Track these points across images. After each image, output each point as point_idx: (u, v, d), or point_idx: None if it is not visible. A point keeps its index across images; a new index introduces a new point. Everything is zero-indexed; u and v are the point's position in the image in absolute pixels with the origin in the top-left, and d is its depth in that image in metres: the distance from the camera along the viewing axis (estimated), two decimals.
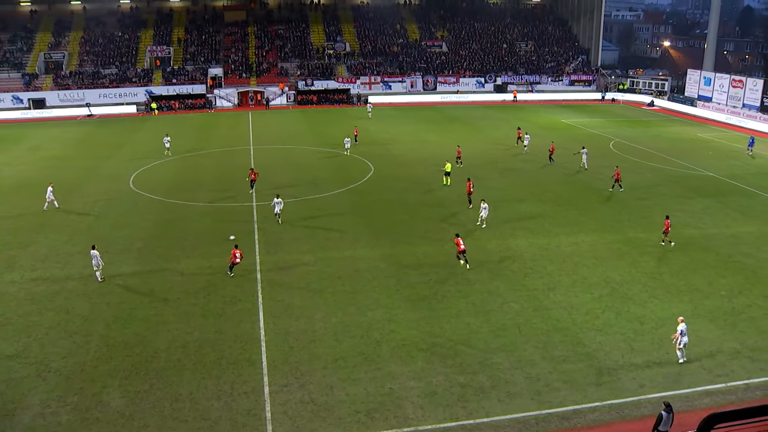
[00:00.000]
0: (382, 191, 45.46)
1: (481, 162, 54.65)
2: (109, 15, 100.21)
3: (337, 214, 40.26)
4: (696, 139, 68.18)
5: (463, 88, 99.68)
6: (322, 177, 49.28)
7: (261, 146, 61.38)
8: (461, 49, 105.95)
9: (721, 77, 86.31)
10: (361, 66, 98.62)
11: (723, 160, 56.89)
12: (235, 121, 77.51)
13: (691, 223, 39.07)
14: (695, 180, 49.63)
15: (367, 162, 54.35)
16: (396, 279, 30.55)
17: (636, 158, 56.88)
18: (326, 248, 34.34)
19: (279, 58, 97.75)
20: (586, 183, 47.98)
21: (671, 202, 43.39)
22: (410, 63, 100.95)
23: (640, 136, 68.57)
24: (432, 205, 42.52)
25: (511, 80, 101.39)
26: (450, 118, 79.95)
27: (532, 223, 38.70)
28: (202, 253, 33.87)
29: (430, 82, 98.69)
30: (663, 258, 33.44)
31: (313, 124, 74.88)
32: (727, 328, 26.12)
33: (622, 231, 37.55)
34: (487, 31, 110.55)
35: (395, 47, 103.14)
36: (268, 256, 33.27)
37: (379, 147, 60.90)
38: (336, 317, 26.76)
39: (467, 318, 26.73)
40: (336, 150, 59.01)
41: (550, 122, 77.44)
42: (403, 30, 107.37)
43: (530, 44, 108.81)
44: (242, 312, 27.28)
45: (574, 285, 30.03)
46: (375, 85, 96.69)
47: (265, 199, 43.28)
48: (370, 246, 34.74)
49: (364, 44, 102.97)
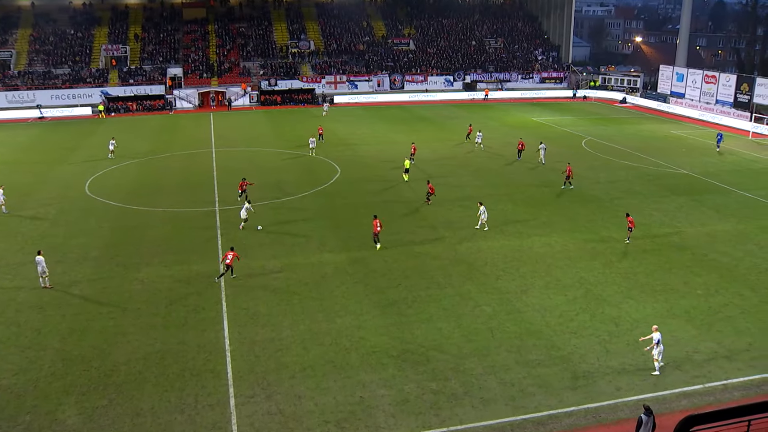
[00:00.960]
0: (348, 194, 45.41)
1: (452, 162, 54.91)
2: (60, 12, 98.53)
3: (303, 218, 40.10)
4: (669, 136, 69.30)
5: (432, 86, 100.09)
6: (288, 180, 49.08)
7: (224, 148, 60.93)
8: (429, 46, 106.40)
9: (694, 73, 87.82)
10: (326, 65, 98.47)
11: (697, 158, 57.90)
12: (196, 123, 76.84)
13: (666, 222, 39.68)
14: (669, 178, 50.44)
15: (334, 164, 54.27)
16: (364, 284, 30.52)
17: (609, 156, 57.62)
18: (292, 253, 34.19)
19: (241, 57, 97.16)
20: (558, 183, 48.42)
21: (645, 200, 44.03)
22: (377, 61, 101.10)
23: (612, 133, 69.50)
24: (400, 207, 42.58)
25: (480, 78, 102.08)
26: (418, 117, 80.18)
27: (504, 224, 38.96)
28: (162, 260, 33.48)
29: (397, 81, 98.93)
30: (637, 258, 33.90)
31: (277, 126, 74.56)
32: (703, 328, 26.53)
33: (596, 231, 37.98)
34: (456, 28, 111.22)
35: (361, 45, 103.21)
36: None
37: (346, 148, 60.85)
38: (303, 325, 26.63)
39: (438, 323, 26.79)
40: (301, 152, 58.81)
41: (521, 121, 78.10)
42: (369, 27, 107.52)
43: (500, 41, 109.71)
44: (206, 321, 27.01)
45: (547, 287, 30.29)
46: (341, 85, 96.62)
47: (233, 203, 42.95)
48: (338, 250, 34.67)
49: (329, 42, 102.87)
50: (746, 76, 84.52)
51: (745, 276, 31.78)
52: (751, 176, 51.42)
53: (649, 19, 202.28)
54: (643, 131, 71.69)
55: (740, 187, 47.80)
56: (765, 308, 28.37)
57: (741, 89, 79.22)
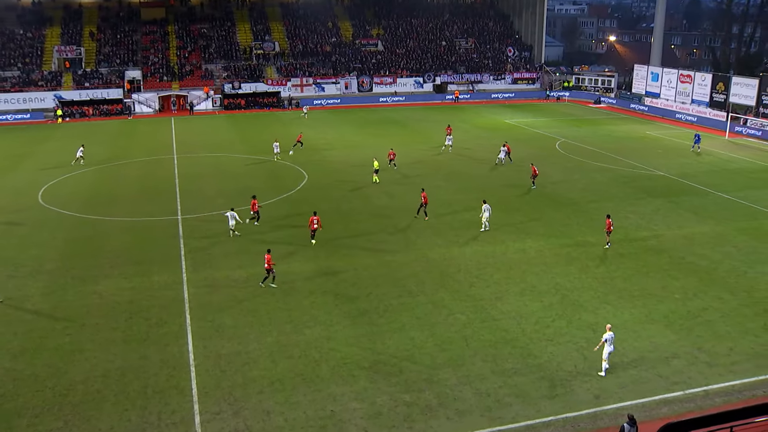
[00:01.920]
0: (316, 200, 45.28)
1: (423, 167, 55.04)
2: (8, 10, 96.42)
3: (270, 226, 39.86)
4: (645, 137, 70.24)
5: (401, 88, 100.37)
6: (253, 186, 48.76)
7: (186, 155, 60.40)
8: (398, 47, 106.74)
9: (669, 72, 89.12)
10: (291, 67, 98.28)
11: (673, 159, 58.74)
12: (157, 128, 76.10)
13: (642, 225, 40.15)
14: (646, 180, 51.07)
15: (301, 169, 54.10)
16: (334, 294, 30.41)
17: (583, 158, 58.21)
18: (258, 263, 33.90)
19: (203, 59, 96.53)
20: (529, 185, 48.73)
21: (622, 203, 44.52)
22: (344, 63, 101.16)
23: (587, 135, 70.24)
24: (370, 213, 42.56)
25: (451, 79, 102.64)
26: (388, 120, 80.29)
27: (477, 229, 39.11)
28: (122, 272, 33.02)
29: (365, 83, 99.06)
30: (614, 262, 34.23)
31: (241, 130, 74.16)
32: (682, 333, 26.84)
33: (571, 235, 38.30)
34: (425, 28, 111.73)
35: (328, 46, 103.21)
36: (195, 274, 32.68)
37: (313, 153, 60.71)
38: (271, 337, 26.44)
39: (411, 332, 26.76)
40: (267, 157, 58.52)
41: (493, 123, 78.60)
42: (336, 28, 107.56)
43: (470, 41, 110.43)
44: (168, 335, 26.68)
45: (522, 293, 30.43)
46: (307, 87, 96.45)
47: (196, 210, 42.56)
48: (306, 259, 34.52)
49: (294, 44, 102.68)
50: (722, 75, 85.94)
51: (723, 279, 32.24)
52: (728, 177, 52.30)
53: (623, 18, 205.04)
54: (618, 132, 72.57)
55: (718, 189, 48.57)
56: (744, 312, 28.80)
57: (717, 88, 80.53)
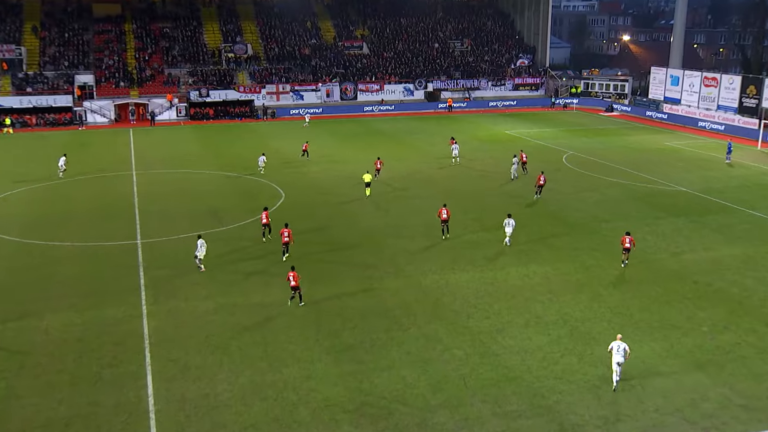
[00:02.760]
0: (295, 221, 45.12)
1: (414, 184, 55.30)
2: None
3: (242, 251, 39.87)
4: (664, 148, 70.82)
5: (389, 96, 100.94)
6: (223, 207, 48.81)
7: (146, 171, 60.38)
8: (385, 50, 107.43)
9: (691, 75, 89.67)
10: (266, 72, 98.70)
11: (697, 172, 59.24)
12: (113, 141, 76.06)
13: (662, 248, 40.37)
14: (665, 197, 51.45)
15: (277, 187, 54.18)
16: (316, 327, 30.39)
17: (594, 173, 58.63)
18: (229, 293, 33.90)
19: (165, 63, 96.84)
20: (534, 205, 49.02)
21: (638, 223, 44.71)
22: (325, 68, 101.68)
23: (598, 147, 70.74)
24: (356, 235, 42.67)
25: (444, 86, 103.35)
26: (374, 132, 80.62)
27: (474, 253, 39.24)
28: (71, 305, 32.84)
29: (349, 90, 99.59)
30: (630, 289, 34.34)
31: (210, 143, 74.26)
32: (712, 371, 26.69)
33: (581, 259, 38.48)
34: (416, 29, 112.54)
35: (307, 49, 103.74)
36: (157, 306, 32.57)
37: (291, 168, 60.84)
38: (244, 377, 26.36)
39: (402, 370, 26.77)
40: (240, 173, 58.59)
41: (492, 134, 79.08)
42: (316, 29, 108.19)
43: (466, 43, 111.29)
44: (125, 376, 26.52)
45: (526, 325, 30.51)
46: (284, 95, 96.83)
47: (158, 234, 42.50)
48: (283, 287, 34.43)
49: (269, 46, 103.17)
50: (753, 77, 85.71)
51: (758, 309, 32.17)
52: (760, 192, 52.67)
53: (638, 15, 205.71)
54: (633, 143, 73.12)
55: (748, 206, 48.89)
56: None
57: (747, 92, 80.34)
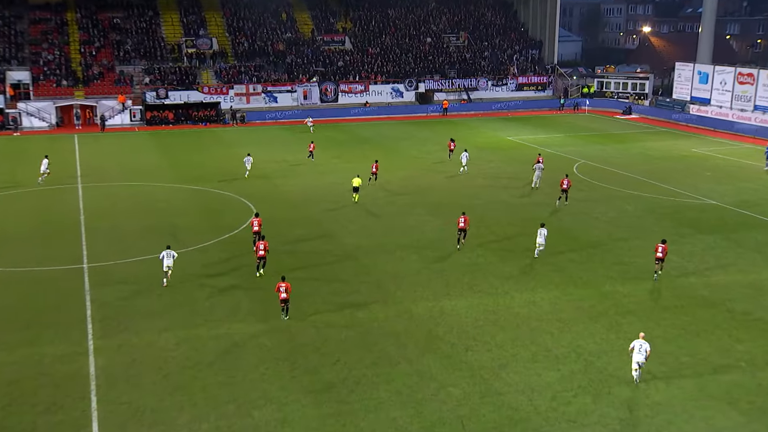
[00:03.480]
0: (267, 240, 44.98)
1: (404, 198, 55.24)
2: None
3: (206, 276, 39.55)
4: (690, 155, 71.09)
5: (375, 98, 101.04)
6: (185, 225, 48.48)
7: (95, 183, 60.03)
8: (370, 45, 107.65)
9: (723, 71, 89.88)
10: (234, 71, 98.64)
11: (729, 183, 59.43)
12: (55, 148, 75.28)
13: (690, 269, 40.17)
14: (693, 211, 51.48)
15: (247, 202, 53.92)
16: (290, 362, 30.11)
17: (609, 185, 58.65)
18: (192, 324, 33.53)
19: (116, 58, 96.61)
20: (542, 219, 48.87)
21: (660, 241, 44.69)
22: (302, 66, 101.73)
23: (614, 154, 70.90)
24: (337, 255, 42.43)
25: (438, 86, 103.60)
26: (358, 139, 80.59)
27: (473, 276, 39.04)
28: (2, 341, 32.21)
29: (329, 91, 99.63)
30: (654, 317, 34.07)
31: (169, 152, 74.04)
32: (753, 414, 26.48)
33: (596, 283, 38.31)
34: (405, 21, 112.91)
35: (281, 44, 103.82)
36: (106, 340, 32.11)
37: (264, 181, 60.59)
38: (208, 422, 26.04)
39: (391, 411, 26.51)
40: (204, 187, 58.28)
41: (493, 141, 79.22)
42: (291, 21, 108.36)
43: (463, 37, 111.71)
44: (65, 424, 26.03)
45: (533, 359, 30.29)
46: (255, 97, 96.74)
47: (109, 256, 42.09)
48: (254, 318, 34.18)
49: (237, 41, 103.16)
50: None
51: None
52: None
53: (661, 2, 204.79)
54: (654, 150, 73.30)
55: None
56: None
57: None
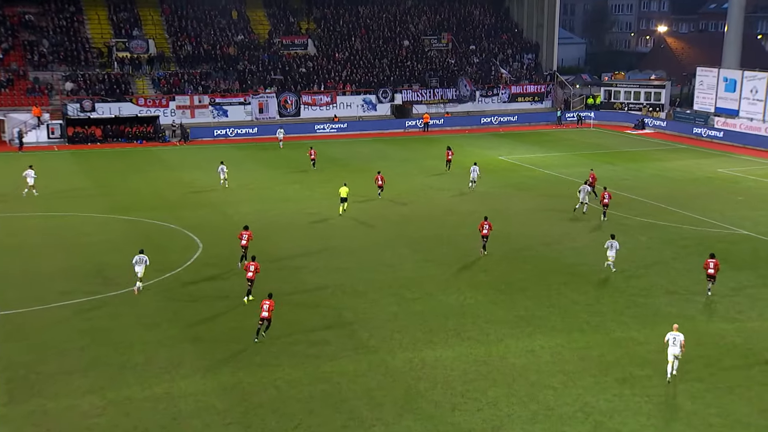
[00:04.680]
0: (215, 282, 44.96)
1: (378, 231, 55.51)
2: None
3: (142, 324, 39.32)
4: (716, 177, 71.81)
5: (344, 111, 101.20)
6: (116, 264, 48.14)
7: (5, 214, 59.74)
8: (338, 50, 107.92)
9: (754, 77, 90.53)
10: (176, 79, 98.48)
11: (764, 209, 59.95)
12: None
13: (718, 312, 40.28)
14: (720, 242, 51.64)
15: (191, 235, 53.78)
16: (244, 426, 30.02)
17: (620, 212, 59.00)
18: (122, 383, 33.32)
19: (29, 63, 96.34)
20: (542, 254, 49.15)
21: (681, 278, 45.00)
22: (257, 74, 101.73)
23: (625, 176, 71.60)
24: (300, 296, 42.45)
25: (418, 97, 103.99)
26: (325, 159, 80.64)
27: (460, 320, 39.09)
28: None
29: (290, 103, 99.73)
30: (677, 369, 34.10)
31: (98, 176, 73.78)
32: None
33: (605, 329, 38.40)
34: (378, 21, 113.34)
35: (232, 48, 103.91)
36: (13, 406, 31.52)
37: (211, 210, 60.46)
38: None
39: None
40: (138, 218, 58.10)
41: (481, 161, 79.26)
42: (245, 21, 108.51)
43: (446, 39, 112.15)
44: None
45: (533, 420, 30.31)
46: (201, 111, 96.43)
47: (20, 303, 41.83)
48: (199, 374, 34.01)
49: (179, 43, 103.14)
50: None
51: None
52: None
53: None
54: (672, 171, 73.88)
55: None
56: None
57: None
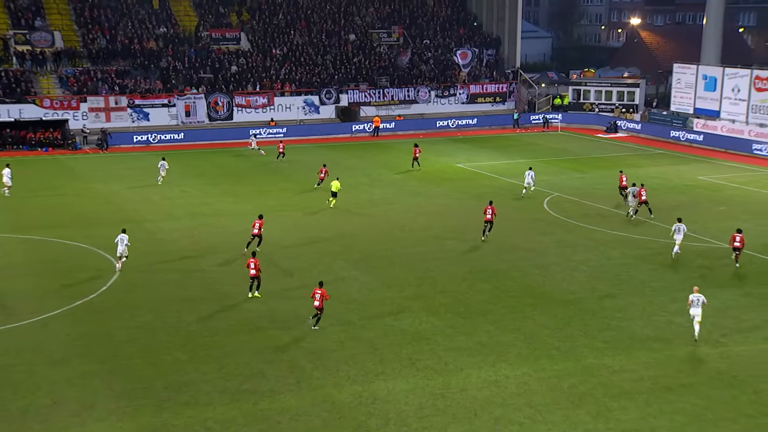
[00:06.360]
0: (134, 309, 44.47)
1: (322, 245, 55.28)
2: None
3: (47, 361, 38.73)
4: (696, 185, 72.63)
5: (282, 115, 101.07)
6: (15, 290, 47.64)
7: None
8: (276, 45, 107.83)
9: (735, 74, 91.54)
10: (87, 77, 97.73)
11: (750, 220, 60.29)
12: None
13: (701, 335, 39.95)
14: (701, 257, 52.14)
15: (107, 256, 53.28)
16: None
17: (590, 225, 59.37)
18: (25, 431, 32.73)
19: None
20: (506, 272, 49.09)
21: (658, 297, 45.15)
22: (183, 72, 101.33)
23: (595, 185, 72.12)
24: (233, 325, 42.11)
25: (366, 98, 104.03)
26: (261, 168, 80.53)
27: (415, 348, 38.98)
28: None
29: (220, 105, 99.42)
30: (655, 399, 33.97)
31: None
32: None
33: (576, 356, 38.39)
34: (321, 13, 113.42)
35: (153, 42, 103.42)
36: None
37: (133, 226, 59.80)
38: None
39: None
40: (44, 236, 57.41)
41: (438, 169, 79.93)
42: (167, 11, 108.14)
43: (397, 33, 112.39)
44: None
45: None
46: (118, 114, 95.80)
47: None
48: (115, 416, 33.50)
49: (91, 36, 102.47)
50: None
51: None
52: None
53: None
54: (648, 179, 73.98)
55: None
56: None
57: None
